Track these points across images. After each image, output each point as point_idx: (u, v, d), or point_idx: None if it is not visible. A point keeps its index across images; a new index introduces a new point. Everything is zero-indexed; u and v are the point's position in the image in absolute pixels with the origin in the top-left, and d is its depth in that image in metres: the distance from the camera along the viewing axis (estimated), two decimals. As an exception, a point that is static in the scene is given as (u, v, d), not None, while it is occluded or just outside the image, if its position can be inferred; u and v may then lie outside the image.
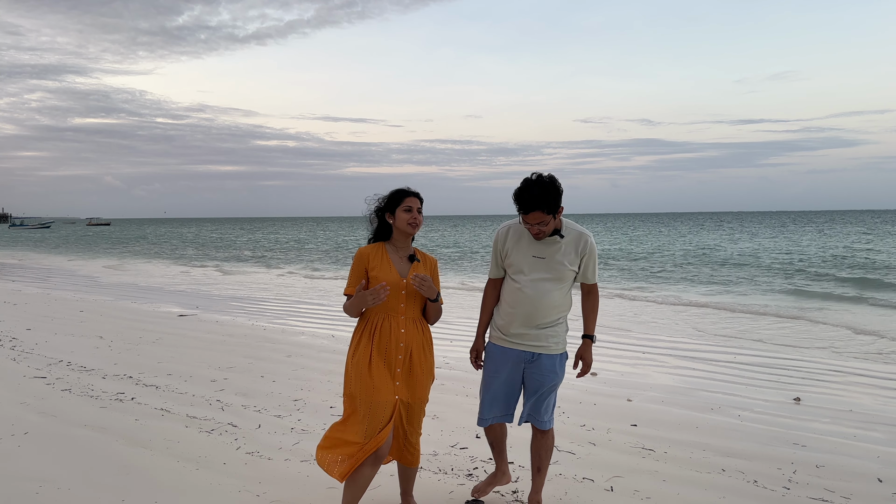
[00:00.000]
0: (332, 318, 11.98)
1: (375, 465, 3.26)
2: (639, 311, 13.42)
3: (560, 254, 3.43)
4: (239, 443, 4.75)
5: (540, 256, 3.44)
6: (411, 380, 3.35)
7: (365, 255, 3.39)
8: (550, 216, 3.28)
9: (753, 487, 4.13)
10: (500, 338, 3.57)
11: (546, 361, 3.52)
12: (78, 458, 4.39)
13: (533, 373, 3.53)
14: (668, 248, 38.02)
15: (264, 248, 43.13)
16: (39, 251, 40.60)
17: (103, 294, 15.66)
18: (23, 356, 7.68)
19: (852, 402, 6.43)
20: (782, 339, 10.08)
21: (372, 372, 3.26)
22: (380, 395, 3.23)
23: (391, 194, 3.46)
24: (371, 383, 3.24)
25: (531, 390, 3.57)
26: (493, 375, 3.59)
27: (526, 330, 3.49)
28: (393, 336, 3.31)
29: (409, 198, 3.41)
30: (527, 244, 3.47)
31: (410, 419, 3.40)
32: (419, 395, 3.39)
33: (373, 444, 3.20)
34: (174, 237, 66.32)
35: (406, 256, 3.44)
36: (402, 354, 3.32)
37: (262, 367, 7.32)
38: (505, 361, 3.55)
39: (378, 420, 3.22)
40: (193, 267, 27.61)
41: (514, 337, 3.52)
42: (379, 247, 3.45)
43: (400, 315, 3.35)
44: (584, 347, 3.65)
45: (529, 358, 3.52)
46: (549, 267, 3.43)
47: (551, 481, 4.10)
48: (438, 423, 5.31)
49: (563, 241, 3.44)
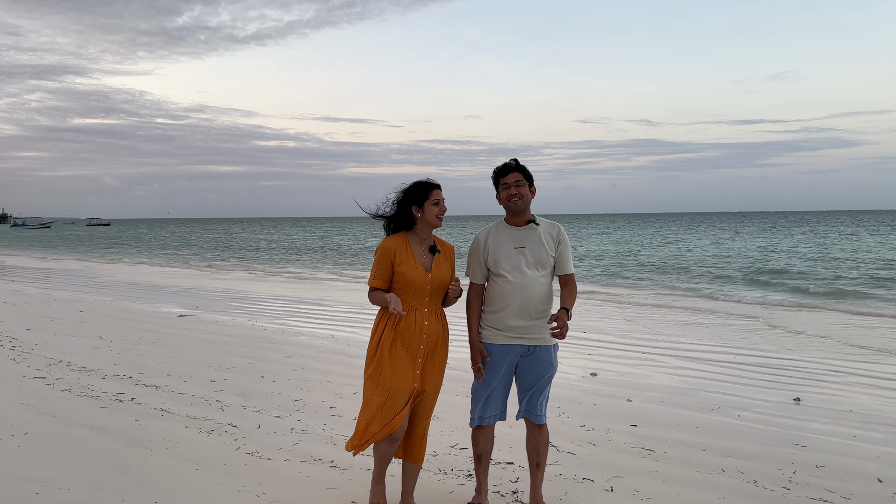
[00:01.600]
0: (332, 318, 11.98)
1: (391, 444, 3.45)
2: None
3: (538, 240, 3.56)
4: (239, 443, 4.75)
5: (521, 246, 3.55)
6: (430, 368, 3.48)
7: (391, 250, 3.45)
8: (526, 184, 3.56)
9: (753, 487, 4.13)
10: (496, 334, 3.58)
11: (542, 353, 3.57)
12: (78, 458, 4.39)
13: (530, 365, 3.56)
14: (604, 249, 38.68)
15: (265, 250, 43.11)
16: (62, 252, 40.61)
17: (103, 294, 15.66)
18: (23, 356, 7.67)
19: (852, 402, 6.43)
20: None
21: (393, 360, 3.37)
22: (399, 384, 3.36)
23: (417, 187, 3.50)
24: (391, 371, 3.36)
25: (528, 384, 3.60)
26: (493, 374, 3.60)
27: (521, 322, 3.52)
28: (417, 328, 3.41)
29: (435, 190, 3.49)
30: (507, 237, 3.59)
31: (424, 409, 3.52)
32: (435, 382, 3.53)
33: (387, 429, 3.37)
34: (172, 238, 66.30)
35: (428, 248, 3.52)
36: (424, 345, 3.43)
37: (262, 368, 7.32)
38: (503, 359, 3.57)
39: (395, 406, 3.36)
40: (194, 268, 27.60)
41: (510, 331, 3.54)
42: (402, 239, 3.50)
43: (424, 308, 3.46)
44: (561, 313, 3.48)
45: (526, 351, 3.55)
46: (531, 254, 3.53)
47: (551, 481, 4.10)
48: (438, 423, 5.30)
49: (540, 229, 3.58)
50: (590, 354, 8.60)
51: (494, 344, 3.58)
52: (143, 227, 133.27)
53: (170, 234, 79.68)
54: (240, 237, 65.47)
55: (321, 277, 22.81)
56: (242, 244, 50.01)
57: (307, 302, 14.75)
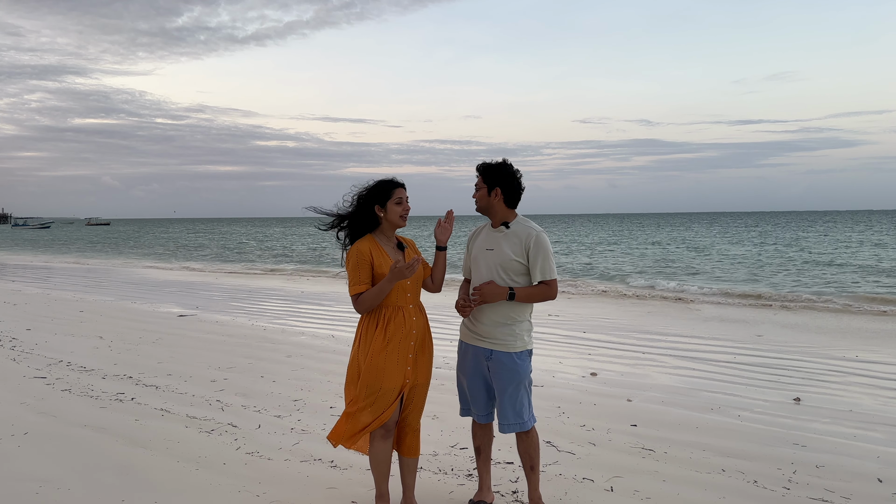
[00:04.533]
0: (332, 318, 11.97)
1: (386, 437, 3.43)
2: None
3: (505, 244, 3.54)
4: (239, 443, 4.75)
5: (490, 248, 3.57)
6: (421, 362, 3.48)
7: (366, 252, 3.41)
8: (485, 187, 3.56)
9: (753, 487, 4.13)
10: (463, 331, 3.69)
11: (503, 358, 3.50)
12: (78, 458, 4.39)
13: (492, 370, 3.54)
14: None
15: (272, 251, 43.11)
16: (63, 252, 40.61)
17: (103, 294, 15.66)
18: (23, 356, 7.68)
19: (852, 402, 6.42)
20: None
21: (386, 361, 3.35)
22: (390, 382, 3.35)
23: (378, 186, 3.45)
24: (384, 372, 3.35)
25: (496, 390, 3.57)
26: (461, 370, 3.69)
27: (479, 324, 3.56)
28: (406, 325, 3.41)
29: (398, 189, 3.45)
30: (482, 238, 3.64)
31: (416, 403, 3.51)
32: (427, 374, 3.53)
33: (377, 422, 3.37)
34: (172, 237, 66.29)
35: (395, 245, 3.52)
36: (414, 341, 3.43)
37: (262, 368, 7.32)
38: (468, 356, 3.63)
39: (384, 403, 3.36)
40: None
41: (474, 332, 3.60)
42: (371, 241, 3.47)
43: (409, 304, 3.45)
44: (499, 288, 3.49)
45: (488, 355, 3.55)
46: (496, 256, 3.54)
47: (551, 481, 4.10)
48: (438, 423, 5.31)
49: (509, 231, 3.56)
50: (590, 354, 8.60)
51: (462, 340, 3.68)
52: (143, 226, 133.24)
53: (170, 233, 79.65)
54: (239, 237, 65.45)
55: (321, 278, 22.80)
56: (242, 244, 49.99)
57: (307, 302, 14.74)
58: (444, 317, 8.41)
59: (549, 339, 9.45)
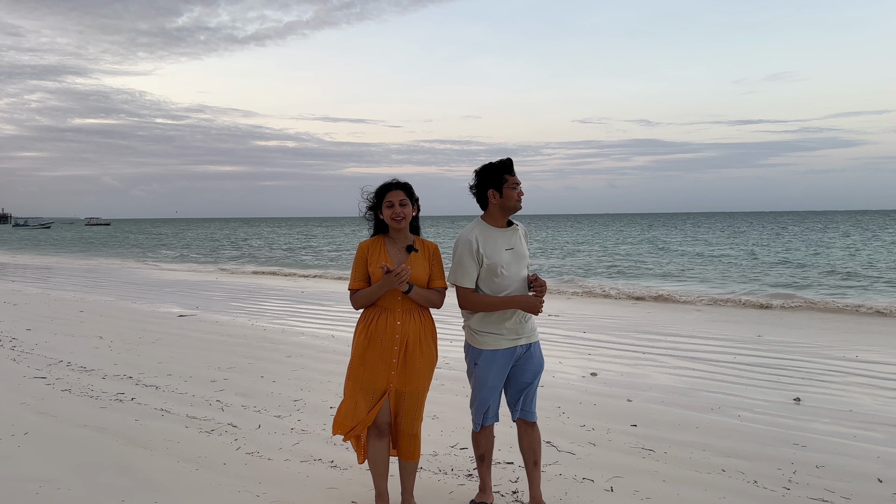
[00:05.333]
0: (332, 318, 11.97)
1: (380, 437, 3.46)
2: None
3: (521, 240, 3.63)
4: (239, 443, 4.75)
5: (510, 248, 3.57)
6: (407, 370, 3.41)
7: (364, 249, 3.48)
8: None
9: (753, 487, 4.13)
10: (498, 339, 3.51)
11: (536, 349, 3.64)
12: (78, 458, 4.39)
13: (527, 364, 3.58)
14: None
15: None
16: (62, 252, 40.60)
17: (103, 294, 15.66)
18: (23, 356, 7.68)
19: (852, 402, 6.42)
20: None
21: (364, 364, 3.38)
22: (370, 385, 3.38)
23: (377, 190, 3.52)
24: (362, 374, 3.38)
25: (524, 383, 3.60)
26: (491, 382, 3.55)
27: (521, 323, 3.56)
28: (388, 329, 3.38)
29: (389, 193, 3.45)
30: (499, 240, 3.55)
31: (408, 409, 3.45)
32: (416, 384, 3.43)
33: (362, 425, 3.42)
34: (172, 237, 66.30)
35: (404, 248, 3.49)
36: (397, 346, 3.38)
37: (262, 368, 7.32)
38: (496, 364, 3.52)
39: (367, 399, 3.40)
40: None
41: (511, 333, 3.54)
42: (378, 240, 3.52)
43: (397, 308, 3.41)
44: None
45: (524, 351, 3.57)
46: (520, 255, 3.58)
47: (551, 481, 4.10)
48: (438, 423, 5.31)
49: (519, 229, 3.66)
50: (590, 354, 8.60)
51: (496, 349, 3.51)
52: (142, 226, 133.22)
53: (170, 233, 79.66)
54: (240, 236, 65.47)
55: (323, 276, 22.80)
56: (242, 243, 49.99)
57: (307, 302, 14.74)
58: (444, 316, 8.41)
59: (549, 339, 9.45)
